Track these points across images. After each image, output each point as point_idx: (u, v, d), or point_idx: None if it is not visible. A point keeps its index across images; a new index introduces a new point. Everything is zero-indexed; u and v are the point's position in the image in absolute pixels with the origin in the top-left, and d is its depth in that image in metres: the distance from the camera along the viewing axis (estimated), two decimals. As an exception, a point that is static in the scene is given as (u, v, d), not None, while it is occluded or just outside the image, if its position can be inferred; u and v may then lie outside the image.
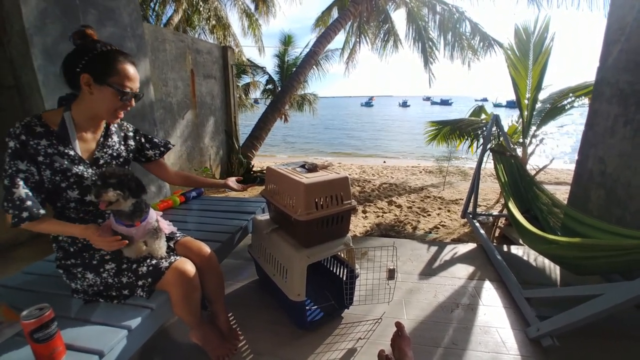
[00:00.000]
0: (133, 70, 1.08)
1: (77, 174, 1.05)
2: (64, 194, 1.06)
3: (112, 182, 0.99)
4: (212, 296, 1.30)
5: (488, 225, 3.14)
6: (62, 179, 1.03)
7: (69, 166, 1.04)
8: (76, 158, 1.06)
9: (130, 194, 1.03)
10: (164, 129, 3.80)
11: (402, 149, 14.11)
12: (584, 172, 2.15)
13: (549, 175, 6.35)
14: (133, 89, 1.08)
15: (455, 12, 7.35)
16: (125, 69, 1.05)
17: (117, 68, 1.03)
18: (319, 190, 1.37)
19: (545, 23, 2.95)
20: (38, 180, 1.01)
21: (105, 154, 1.16)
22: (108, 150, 1.17)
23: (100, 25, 2.18)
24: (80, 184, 1.06)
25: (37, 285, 1.20)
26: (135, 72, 1.08)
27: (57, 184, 1.04)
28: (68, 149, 1.05)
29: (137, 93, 1.10)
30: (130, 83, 1.07)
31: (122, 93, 1.05)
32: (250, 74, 9.15)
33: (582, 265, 1.54)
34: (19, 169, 0.97)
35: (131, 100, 1.10)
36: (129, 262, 1.10)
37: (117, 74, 1.03)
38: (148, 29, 3.48)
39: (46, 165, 1.01)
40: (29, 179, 0.99)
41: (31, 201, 0.97)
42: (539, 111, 3.30)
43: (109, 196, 0.98)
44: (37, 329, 0.81)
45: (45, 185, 1.03)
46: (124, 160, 1.24)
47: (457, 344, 1.45)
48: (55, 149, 1.02)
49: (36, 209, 0.98)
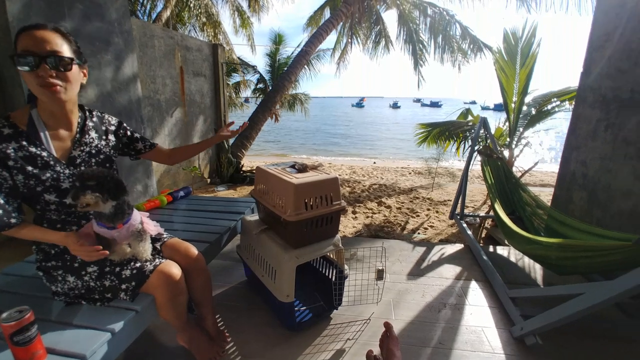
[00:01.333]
0: (34, 33, 0.91)
1: (53, 177, 0.98)
2: (41, 197, 0.99)
3: (90, 184, 0.94)
4: (199, 298, 1.28)
5: (475, 226, 3.19)
6: (37, 183, 0.97)
7: (42, 170, 0.97)
8: (51, 159, 0.99)
9: (109, 196, 0.99)
10: (152, 127, 3.73)
11: (393, 149, 14.23)
12: (567, 175, 2.21)
13: (534, 178, 6.50)
14: (36, 51, 0.89)
15: (446, 15, 7.45)
16: (25, 36, 0.90)
17: (18, 39, 0.91)
18: (308, 190, 1.37)
19: (533, 28, 3.02)
20: (12, 186, 0.95)
21: (82, 152, 1.07)
22: (85, 147, 1.09)
23: (86, 19, 2.12)
24: (58, 187, 1.00)
25: (17, 287, 1.17)
26: (40, 35, 0.91)
27: (33, 188, 0.97)
28: (40, 150, 0.97)
29: (44, 55, 0.90)
30: (27, 45, 0.89)
31: (19, 59, 0.89)
32: (241, 72, 9.07)
33: (564, 265, 1.58)
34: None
35: (42, 66, 0.90)
36: (112, 265, 1.07)
37: (18, 45, 0.90)
38: (136, 25, 3.41)
39: (17, 169, 0.94)
40: (2, 184, 0.93)
41: (1, 209, 0.91)
42: (525, 114, 3.38)
43: (86, 199, 0.94)
44: (17, 332, 0.79)
45: (20, 189, 0.97)
46: (105, 157, 1.15)
47: (444, 343, 1.47)
48: (26, 151, 0.95)
49: (7, 218, 0.92)
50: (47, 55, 0.91)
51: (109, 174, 1.00)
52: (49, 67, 0.91)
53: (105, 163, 1.15)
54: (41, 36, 0.91)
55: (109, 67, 2.32)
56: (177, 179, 4.28)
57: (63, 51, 0.94)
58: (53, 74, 0.93)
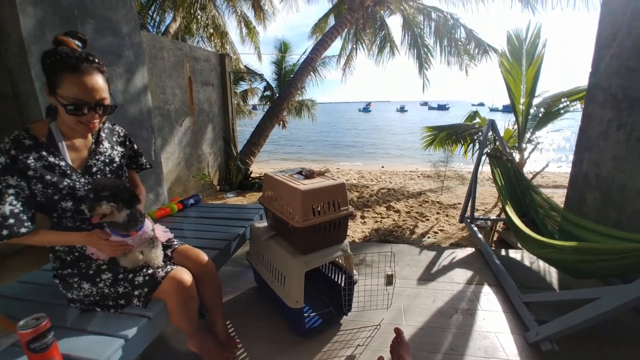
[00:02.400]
0: (84, 80, 0.95)
1: (69, 185, 1.03)
2: (58, 205, 1.04)
3: (105, 195, 0.98)
4: (209, 304, 1.30)
5: (486, 230, 3.14)
6: (54, 192, 1.01)
7: (60, 178, 1.01)
8: (68, 169, 1.04)
9: (123, 205, 1.03)
10: (162, 136, 3.80)
11: (400, 153, 14.16)
12: (579, 176, 2.17)
13: (547, 179, 6.38)
14: (86, 100, 0.96)
15: (450, 19, 7.45)
16: (72, 80, 0.94)
17: (61, 79, 0.94)
18: (315, 196, 1.37)
19: (537, 30, 3.00)
20: (28, 195, 0.98)
21: (97, 161, 1.12)
22: (100, 157, 1.14)
23: (98, 34, 2.20)
24: (74, 195, 1.04)
25: (34, 295, 1.20)
26: (90, 83, 0.96)
27: (50, 197, 1.01)
28: (58, 160, 1.02)
29: (93, 105, 0.97)
30: (77, 94, 0.95)
31: (69, 107, 0.95)
32: (248, 80, 9.20)
33: (580, 268, 1.55)
34: (9, 184, 0.95)
35: (91, 114, 0.99)
36: (125, 272, 1.09)
37: (62, 86, 0.94)
38: (146, 38, 3.51)
39: (37, 179, 0.99)
40: (19, 194, 0.96)
41: (14, 219, 0.94)
42: (533, 116, 3.34)
43: (102, 209, 0.98)
44: (34, 339, 0.80)
45: (37, 198, 1.01)
46: (118, 166, 1.19)
47: (456, 349, 1.44)
48: (45, 161, 1.00)
49: (17, 227, 0.95)
50: (95, 105, 0.99)
51: (122, 183, 1.03)
52: (96, 114, 1.01)
53: (118, 171, 1.19)
54: (91, 85, 0.96)
55: (120, 79, 2.39)
56: (187, 187, 4.34)
57: (107, 97, 1.02)
58: (97, 118, 1.02)
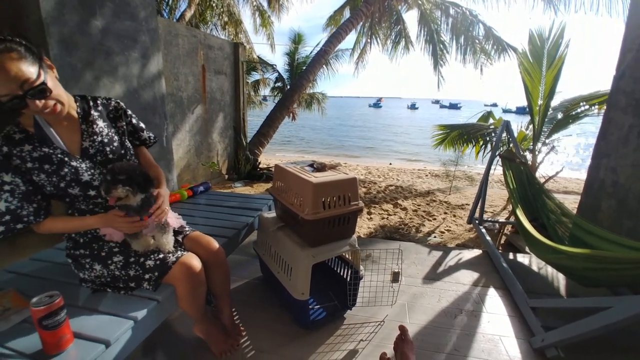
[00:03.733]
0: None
1: (71, 172, 1.02)
2: (67, 191, 1.04)
3: (121, 178, 0.99)
4: (217, 291, 1.31)
5: (494, 232, 3.10)
6: (59, 180, 1.01)
7: (59, 166, 1.01)
8: (64, 156, 1.02)
9: (139, 189, 1.04)
10: (174, 123, 3.82)
11: (409, 151, 14.03)
12: (595, 182, 2.12)
13: (558, 184, 6.27)
14: (8, 94, 0.84)
15: (469, 15, 7.28)
16: None
17: None
18: (327, 190, 1.37)
19: (561, 29, 2.92)
20: (25, 191, 0.98)
21: (94, 142, 1.08)
22: (96, 137, 1.08)
23: (116, 17, 2.20)
24: (78, 181, 1.03)
25: (46, 273, 1.22)
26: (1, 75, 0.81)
27: (57, 185, 1.01)
28: (52, 149, 1.00)
29: (22, 94, 0.85)
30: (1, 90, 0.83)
31: (4, 107, 0.86)
32: (260, 71, 9.16)
33: (591, 276, 1.52)
34: (4, 181, 0.95)
35: (31, 103, 0.87)
36: (137, 256, 1.11)
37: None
38: (162, 23, 3.51)
39: (37, 169, 0.98)
40: (14, 190, 0.96)
41: (10, 215, 0.95)
42: (550, 118, 3.26)
43: (118, 192, 0.99)
44: (46, 316, 0.81)
45: (48, 188, 1.01)
46: (119, 145, 1.14)
47: (460, 350, 1.44)
48: (41, 151, 0.99)
49: (13, 223, 0.96)
50: (24, 93, 0.85)
51: (137, 167, 1.04)
52: (34, 99, 0.88)
53: (120, 150, 1.15)
54: (5, 75, 0.82)
55: (135, 64, 2.39)
56: (196, 174, 4.37)
57: (31, 75, 0.85)
58: (42, 103, 0.89)
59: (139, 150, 1.29)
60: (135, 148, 1.26)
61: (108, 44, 2.16)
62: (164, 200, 1.15)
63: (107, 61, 2.16)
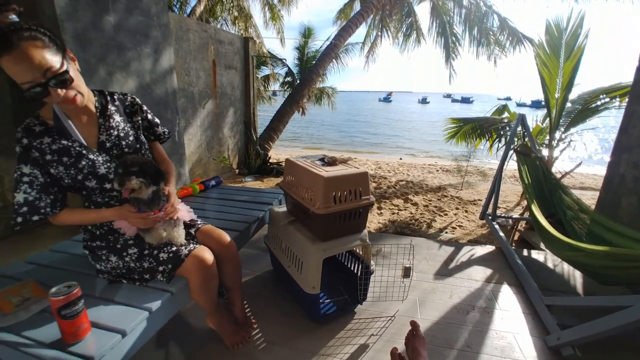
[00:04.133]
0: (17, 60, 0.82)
1: (88, 165, 1.03)
2: (84, 184, 1.05)
3: (134, 170, 1.00)
4: (229, 284, 1.33)
5: (507, 228, 3.05)
6: (76, 172, 1.02)
7: (77, 159, 1.02)
8: (82, 149, 1.03)
9: (151, 182, 1.05)
10: (185, 117, 3.86)
11: (420, 146, 13.86)
12: (615, 177, 2.05)
13: (574, 180, 6.10)
14: (33, 81, 0.85)
15: (483, 6, 7.08)
16: (6, 65, 0.83)
17: (4, 66, 0.83)
18: (338, 184, 1.36)
19: (579, 19, 2.81)
20: (43, 183, 0.99)
21: (110, 136, 1.09)
22: (113, 131, 1.10)
23: (128, 13, 2.22)
24: (95, 174, 1.05)
25: (64, 264, 1.25)
26: (19, 59, 0.82)
27: (74, 177, 1.03)
28: (71, 141, 1.02)
29: (45, 81, 0.86)
30: (22, 78, 0.84)
31: (26, 94, 0.87)
32: (270, 65, 9.15)
33: (609, 274, 1.48)
34: (23, 172, 0.97)
35: (54, 92, 0.88)
36: (151, 248, 1.13)
37: (11, 74, 0.85)
38: (173, 19, 3.52)
39: (56, 162, 1.00)
40: (33, 182, 0.98)
41: (27, 206, 0.97)
42: (568, 112, 3.16)
43: (132, 184, 1.01)
44: (65, 306, 0.83)
45: (65, 181, 1.03)
46: (135, 139, 1.16)
47: (472, 347, 1.42)
48: (59, 144, 1.00)
49: (29, 215, 0.98)
50: (47, 81, 0.86)
51: (149, 160, 1.05)
52: (56, 88, 0.89)
53: (136, 144, 1.16)
54: (26, 62, 0.82)
55: (148, 59, 2.42)
56: (207, 169, 4.42)
57: (54, 64, 0.87)
58: (63, 92, 0.91)
59: (153, 145, 1.31)
60: (149, 143, 1.28)
61: (120, 39, 2.18)
62: (175, 198, 1.18)
63: (120, 57, 2.19)
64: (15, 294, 1.02)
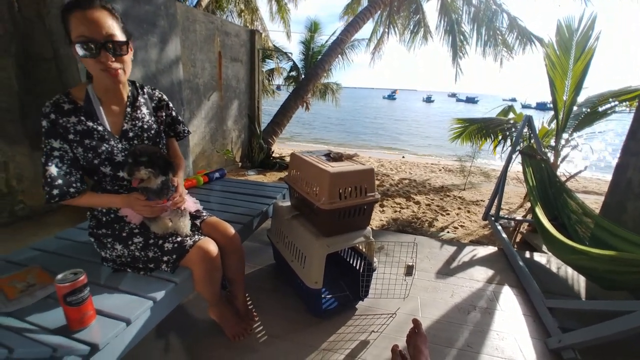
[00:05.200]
0: (86, 15, 0.90)
1: (108, 150, 1.04)
2: (98, 169, 1.06)
3: (143, 160, 1.01)
4: (232, 276, 1.33)
5: (509, 230, 3.04)
6: (94, 156, 1.03)
7: (98, 143, 1.03)
8: (105, 133, 1.05)
9: (160, 172, 1.05)
10: (190, 109, 3.85)
11: (423, 145, 13.82)
12: (622, 182, 2.03)
13: (577, 184, 6.08)
14: (94, 38, 0.91)
15: (493, 4, 7.00)
16: (77, 19, 0.90)
17: (69, 21, 0.91)
18: (343, 180, 1.35)
19: (591, 20, 2.77)
20: (73, 158, 1.02)
21: (134, 126, 1.12)
22: (137, 122, 1.13)
23: (135, 2, 2.20)
24: (112, 160, 1.06)
25: (69, 251, 1.25)
26: (95, 17, 0.91)
27: (91, 161, 1.04)
28: (96, 124, 1.03)
29: (103, 42, 0.92)
30: (82, 31, 0.90)
31: (78, 46, 0.91)
32: (276, 59, 9.10)
33: (613, 279, 1.47)
34: (53, 147, 0.98)
35: (103, 53, 0.94)
36: (156, 238, 1.13)
37: (72, 28, 0.91)
38: (180, 9, 3.50)
39: (77, 142, 1.01)
40: (63, 156, 0.99)
41: (62, 179, 0.98)
42: (575, 115, 3.13)
43: (141, 174, 1.01)
44: (71, 293, 0.83)
45: (80, 162, 1.04)
46: (156, 133, 1.19)
47: (472, 347, 1.42)
48: (85, 125, 1.01)
49: (66, 187, 0.99)
50: (105, 42, 0.93)
51: (158, 150, 1.06)
52: (109, 53, 0.95)
53: (156, 138, 1.19)
54: (96, 20, 0.91)
55: (154, 49, 2.40)
56: (210, 161, 4.42)
57: (117, 34, 0.96)
58: (113, 59, 0.96)
59: (169, 141, 1.33)
60: (167, 138, 1.31)
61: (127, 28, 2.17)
62: (183, 189, 1.19)
63: (127, 45, 2.17)
64: (20, 279, 1.02)
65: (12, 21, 2.13)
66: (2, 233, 2.16)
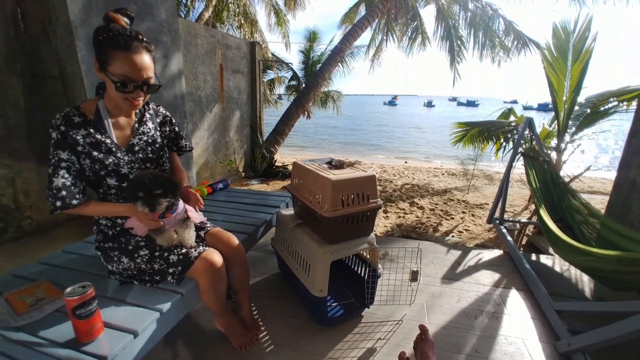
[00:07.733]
0: (133, 59, 0.96)
1: (114, 162, 1.08)
2: (104, 181, 1.09)
3: (158, 193, 1.03)
4: (237, 286, 1.33)
5: (514, 233, 3.02)
6: (101, 167, 1.06)
7: (105, 155, 1.06)
8: (113, 146, 1.08)
9: (172, 196, 1.09)
10: (193, 121, 3.90)
11: (425, 150, 13.81)
12: (626, 182, 2.02)
13: (582, 184, 6.03)
14: (134, 79, 0.98)
15: (489, 9, 7.08)
16: (122, 58, 0.95)
17: (113, 56, 0.95)
18: (345, 187, 1.37)
19: (587, 22, 2.80)
20: (79, 169, 1.05)
21: (140, 140, 1.16)
22: (143, 137, 1.17)
23: (139, 20, 2.26)
24: (118, 172, 1.09)
25: (77, 265, 1.27)
26: (139, 61, 0.98)
27: (97, 172, 1.07)
28: (104, 137, 1.07)
29: (140, 83, 1.00)
30: (126, 72, 0.97)
31: (118, 84, 0.97)
32: (276, 69, 9.22)
33: (621, 280, 1.46)
34: (61, 158, 1.01)
35: (137, 92, 1.01)
36: (161, 250, 1.14)
37: (113, 63, 0.96)
38: (182, 24, 3.57)
39: (85, 154, 1.04)
40: (70, 167, 1.02)
41: (66, 191, 1.00)
42: (576, 115, 3.14)
43: (162, 207, 1.05)
44: (80, 306, 0.84)
45: (86, 173, 1.07)
46: (159, 147, 1.22)
47: (481, 352, 1.41)
48: (93, 137, 1.05)
49: (69, 199, 1.01)
50: (142, 84, 1.01)
51: (167, 177, 1.09)
52: (142, 92, 1.03)
53: (159, 152, 1.22)
54: (139, 63, 0.98)
55: (157, 64, 2.43)
56: (214, 172, 4.45)
57: (153, 77, 1.03)
58: (141, 97, 1.05)
59: (171, 154, 1.37)
60: (169, 152, 1.35)
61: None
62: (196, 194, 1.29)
63: (131, 61, 2.22)
64: (29, 294, 1.04)
65: (18, 40, 2.19)
66: (10, 248, 2.19)
